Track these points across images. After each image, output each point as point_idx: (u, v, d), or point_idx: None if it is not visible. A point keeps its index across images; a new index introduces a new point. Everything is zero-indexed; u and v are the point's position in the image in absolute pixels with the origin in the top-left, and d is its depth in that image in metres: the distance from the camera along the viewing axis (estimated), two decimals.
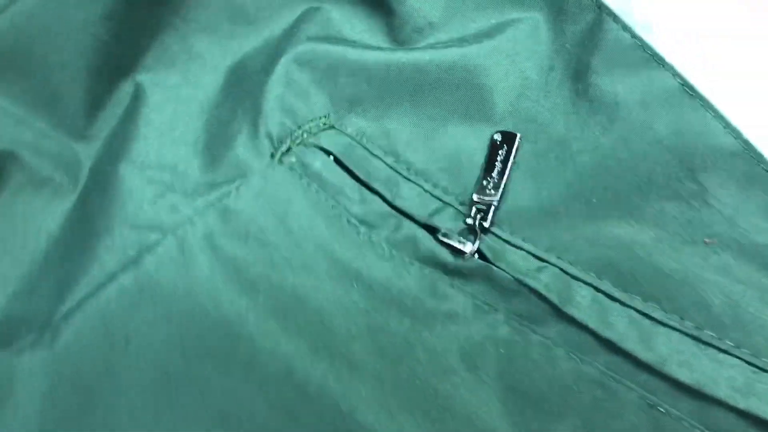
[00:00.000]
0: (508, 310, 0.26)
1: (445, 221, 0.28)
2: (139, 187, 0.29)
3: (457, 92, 0.29)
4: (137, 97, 0.31)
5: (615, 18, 0.28)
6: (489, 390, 0.25)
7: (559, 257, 0.27)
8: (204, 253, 0.27)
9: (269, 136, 0.30)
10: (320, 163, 0.29)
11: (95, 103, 0.32)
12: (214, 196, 0.29)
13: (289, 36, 0.31)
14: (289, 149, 0.29)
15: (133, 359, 0.26)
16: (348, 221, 0.28)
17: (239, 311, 0.27)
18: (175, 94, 0.32)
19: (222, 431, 0.25)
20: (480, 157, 0.29)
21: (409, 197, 0.29)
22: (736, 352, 0.24)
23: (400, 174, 0.29)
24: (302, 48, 0.30)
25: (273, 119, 0.30)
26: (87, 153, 0.32)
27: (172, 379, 0.26)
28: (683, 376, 0.24)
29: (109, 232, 0.29)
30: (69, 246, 0.30)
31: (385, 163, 0.29)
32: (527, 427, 0.25)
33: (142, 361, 0.26)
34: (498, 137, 0.29)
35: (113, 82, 0.32)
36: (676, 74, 0.26)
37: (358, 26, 0.32)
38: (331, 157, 0.29)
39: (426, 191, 0.29)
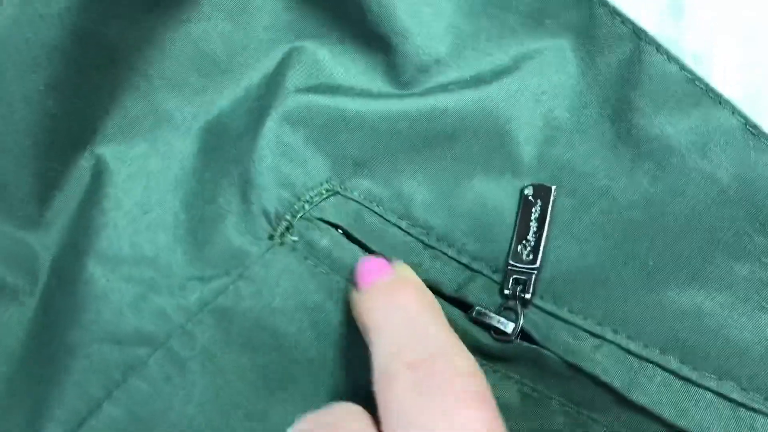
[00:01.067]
0: (563, 397, 0.23)
1: (477, 293, 0.24)
2: (115, 289, 0.25)
3: (477, 141, 0.26)
4: (99, 173, 0.27)
5: (658, 47, 0.24)
6: None
7: (615, 332, 0.23)
8: (204, 368, 0.24)
9: (265, 214, 0.26)
10: (327, 239, 0.25)
11: (48, 184, 0.27)
12: (208, 293, 0.25)
13: (272, 86, 0.27)
14: (289, 226, 0.25)
15: None
16: None
17: None
18: (143, 166, 0.27)
19: None
20: (510, 216, 0.25)
21: (433, 268, 0.25)
22: None
23: (419, 241, 0.25)
24: (291, 103, 0.26)
25: (268, 193, 0.26)
26: (43, 242, 0.27)
27: None
28: None
29: (84, 348, 0.24)
30: (35, 366, 0.26)
31: (400, 229, 0.26)
32: None
33: None
34: (529, 191, 0.25)
35: (68, 158, 0.27)
36: (736, 111, 0.23)
37: (353, 68, 0.27)
38: (339, 231, 0.25)
39: (451, 258, 0.25)
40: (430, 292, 0.22)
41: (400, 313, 0.20)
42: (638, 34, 0.24)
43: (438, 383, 0.18)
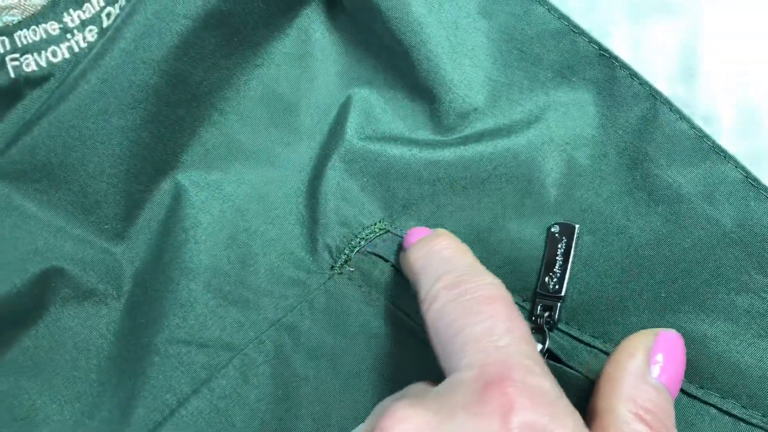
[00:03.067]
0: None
1: None
2: (199, 299, 0.29)
3: (508, 186, 0.29)
4: (178, 196, 0.31)
5: (671, 107, 0.27)
6: None
7: None
8: (275, 372, 0.27)
9: (327, 247, 0.29)
10: (378, 271, 0.29)
11: (134, 205, 0.31)
12: (278, 311, 0.28)
13: (333, 130, 0.31)
14: (348, 259, 0.29)
15: None
16: (413, 329, 0.28)
17: None
18: (218, 191, 0.31)
19: None
20: (538, 252, 0.28)
21: None
22: None
23: None
24: (350, 150, 0.30)
25: (331, 230, 0.29)
26: (127, 255, 0.31)
27: None
28: None
29: (171, 348, 0.28)
30: (124, 363, 0.29)
31: None
32: None
33: None
34: (556, 229, 0.28)
35: (152, 183, 0.31)
36: (738, 166, 0.26)
37: (401, 111, 0.31)
38: (389, 263, 0.29)
39: None
40: (460, 241, 0.26)
41: (437, 254, 0.25)
42: (654, 94, 0.28)
43: (469, 293, 0.22)
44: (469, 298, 0.22)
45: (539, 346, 0.27)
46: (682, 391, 0.26)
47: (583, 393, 0.26)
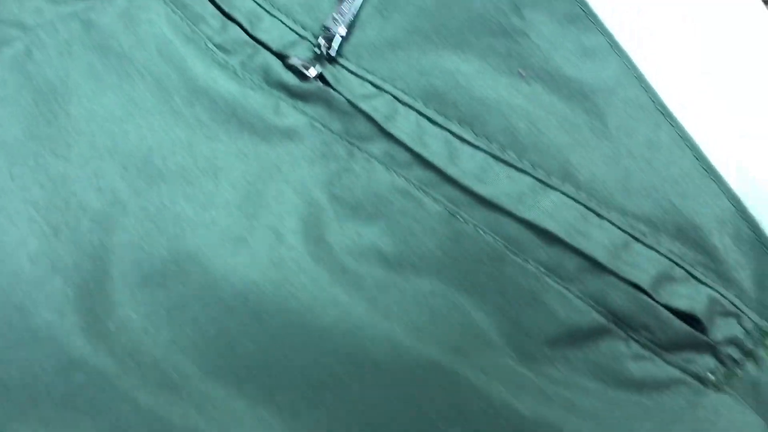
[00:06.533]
0: (341, 130, 0.29)
1: (298, 53, 0.30)
2: None
3: None
4: None
5: None
6: (312, 194, 0.28)
7: (393, 86, 0.29)
8: (62, 56, 0.29)
9: None
10: None
11: None
12: (79, 7, 0.30)
13: None
14: None
15: None
16: (206, 45, 0.30)
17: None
18: None
19: None
20: None
21: (269, 30, 0.30)
22: (531, 171, 0.27)
23: (263, 8, 0.31)
24: None
25: None
26: None
27: None
28: (481, 190, 0.27)
29: None
30: None
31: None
32: (352, 228, 0.27)
33: None
34: None
35: None
36: None
37: None
38: None
39: (285, 25, 0.31)
40: None
41: None
42: None
43: None
44: None
45: (314, 71, 0.29)
46: (426, 118, 0.28)
47: (343, 116, 0.29)
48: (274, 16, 0.31)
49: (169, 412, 0.24)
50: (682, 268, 0.26)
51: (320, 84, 0.29)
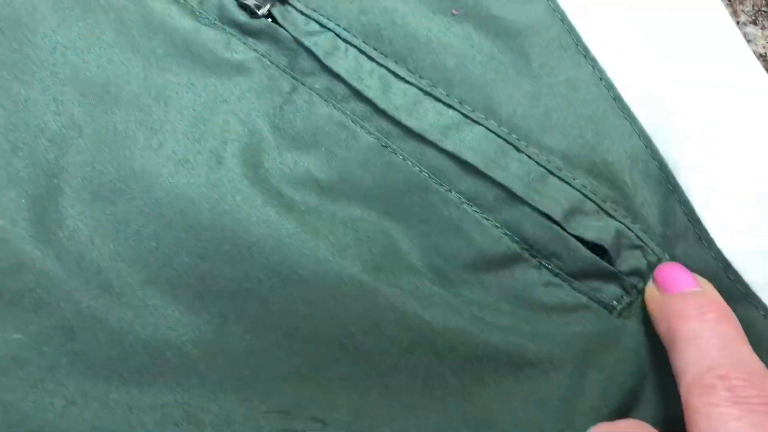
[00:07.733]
0: (286, 66, 0.30)
1: None
2: None
3: None
4: None
5: None
6: (256, 125, 0.29)
7: (337, 24, 0.30)
8: None
9: None
10: None
11: None
12: None
13: None
14: None
15: None
16: None
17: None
18: None
19: None
20: None
21: None
22: (457, 106, 0.28)
23: None
24: None
25: None
26: None
27: None
28: (411, 122, 0.28)
29: None
30: None
31: None
32: (289, 156, 0.29)
33: None
34: None
35: None
36: None
37: None
38: None
39: None
40: (734, 316, 0.24)
41: (715, 331, 0.23)
42: None
43: (754, 400, 0.20)
44: (753, 407, 0.20)
45: (264, 9, 0.31)
46: (365, 54, 0.29)
47: (288, 51, 0.30)
48: None
49: (107, 314, 0.26)
50: (593, 201, 0.27)
51: (269, 22, 0.31)
